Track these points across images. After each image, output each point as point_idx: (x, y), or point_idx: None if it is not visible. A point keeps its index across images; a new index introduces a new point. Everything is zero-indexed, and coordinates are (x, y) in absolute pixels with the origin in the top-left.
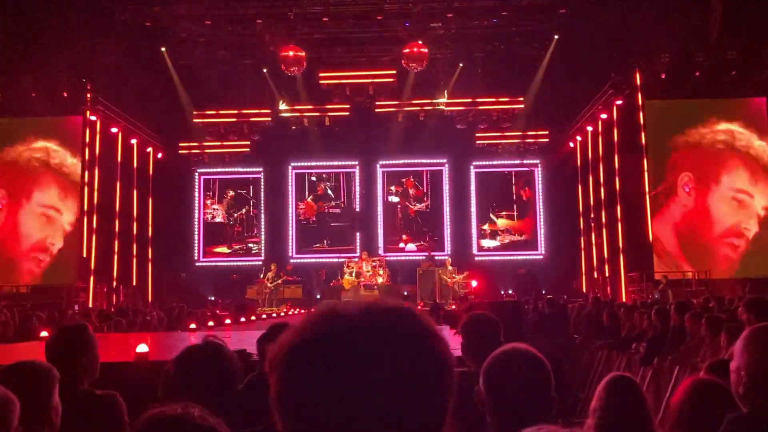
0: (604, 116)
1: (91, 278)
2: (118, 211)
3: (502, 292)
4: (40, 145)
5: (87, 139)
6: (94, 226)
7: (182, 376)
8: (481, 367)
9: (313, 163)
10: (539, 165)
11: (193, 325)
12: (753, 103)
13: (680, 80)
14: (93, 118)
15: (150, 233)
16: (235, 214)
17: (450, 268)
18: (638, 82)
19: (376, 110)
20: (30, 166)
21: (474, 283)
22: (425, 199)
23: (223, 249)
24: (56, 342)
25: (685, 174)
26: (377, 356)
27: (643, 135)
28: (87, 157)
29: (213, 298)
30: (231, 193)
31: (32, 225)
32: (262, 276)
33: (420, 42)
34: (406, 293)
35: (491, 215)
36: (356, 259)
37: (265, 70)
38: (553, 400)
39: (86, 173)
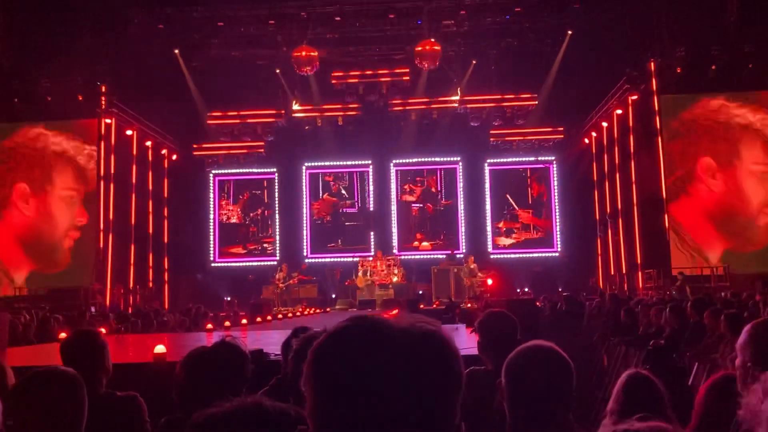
0: (619, 111)
1: (108, 280)
2: (134, 214)
3: (518, 291)
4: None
5: (102, 142)
6: (110, 228)
7: (187, 375)
8: (498, 365)
9: (327, 163)
10: (554, 162)
11: (209, 326)
12: None
13: (696, 74)
14: (108, 120)
15: (166, 235)
16: (251, 215)
17: (472, 266)
18: (654, 76)
19: (389, 109)
20: (47, 162)
21: (489, 282)
22: (441, 197)
23: (239, 250)
24: (72, 345)
25: (705, 159)
26: (397, 365)
27: (658, 131)
28: (102, 159)
29: (229, 299)
30: (246, 193)
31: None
32: (276, 276)
33: (432, 40)
34: (420, 292)
35: (512, 203)
36: (370, 259)
37: (278, 71)
38: (573, 399)
39: (102, 175)
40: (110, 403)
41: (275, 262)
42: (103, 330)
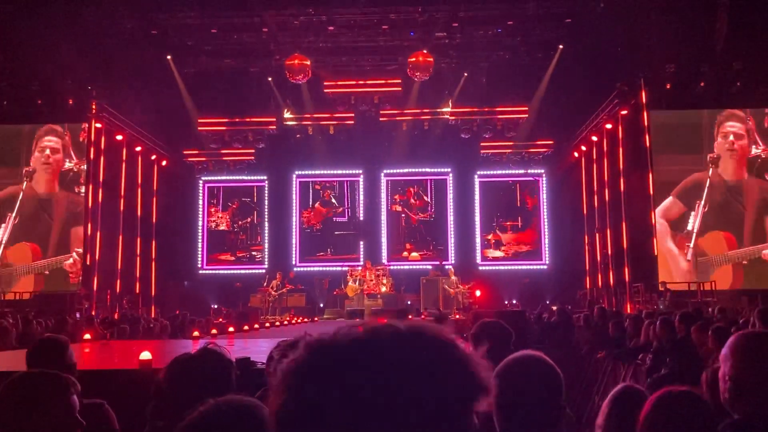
0: (609, 126)
1: (94, 286)
2: (122, 219)
3: (506, 302)
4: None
5: (92, 147)
6: (98, 233)
7: (171, 382)
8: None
9: (318, 172)
10: (544, 175)
11: (196, 333)
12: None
13: (686, 90)
14: (98, 125)
15: (154, 241)
16: (240, 222)
17: (453, 278)
18: (643, 92)
19: (381, 119)
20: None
21: (478, 293)
22: (429, 208)
23: (227, 257)
24: (36, 353)
25: None
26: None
27: (648, 145)
28: (92, 164)
29: (216, 306)
30: (236, 201)
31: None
32: (265, 284)
33: (425, 51)
34: (409, 302)
35: (497, 230)
36: (360, 268)
37: (270, 79)
38: (562, 409)
39: (91, 180)
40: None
41: (263, 271)
42: (88, 336)
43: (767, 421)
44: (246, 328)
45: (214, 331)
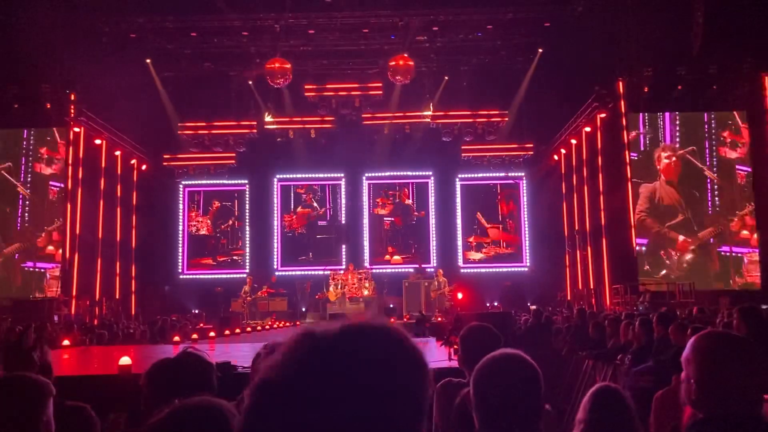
0: (587, 129)
1: (74, 291)
2: (102, 223)
3: (488, 305)
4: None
5: (70, 151)
6: (77, 238)
7: (151, 386)
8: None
9: (299, 176)
10: (524, 177)
11: (176, 338)
12: (733, 116)
13: (663, 93)
14: (77, 129)
15: (134, 246)
16: (221, 227)
17: (441, 279)
18: (622, 94)
19: (362, 123)
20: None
21: (459, 296)
22: (411, 211)
23: (208, 262)
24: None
25: None
26: (347, 381)
27: (626, 147)
28: (70, 168)
29: (197, 311)
30: (216, 205)
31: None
32: (243, 288)
33: (406, 55)
34: (391, 305)
35: (481, 220)
36: (342, 272)
37: (250, 82)
38: (542, 408)
39: (69, 185)
40: (57, 413)
41: (245, 275)
42: (67, 342)
43: (732, 419)
44: (227, 332)
45: (194, 336)
